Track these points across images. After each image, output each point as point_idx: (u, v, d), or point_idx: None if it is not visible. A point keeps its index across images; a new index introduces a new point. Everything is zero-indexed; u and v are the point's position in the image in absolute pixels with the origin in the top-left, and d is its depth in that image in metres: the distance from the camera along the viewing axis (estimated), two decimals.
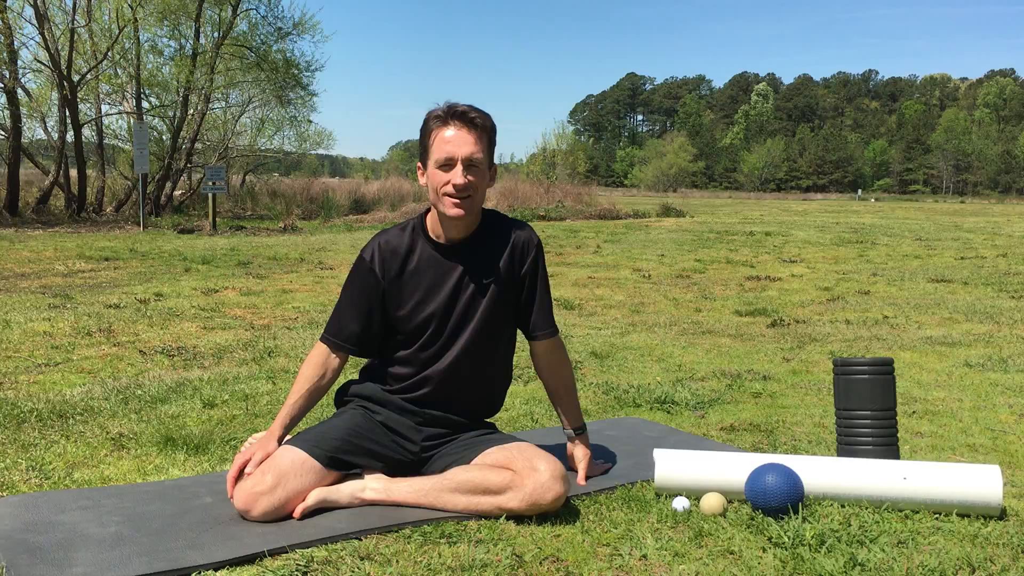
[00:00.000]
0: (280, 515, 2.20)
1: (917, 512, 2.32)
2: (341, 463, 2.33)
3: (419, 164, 2.45)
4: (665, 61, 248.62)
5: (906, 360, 4.56)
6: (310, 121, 24.60)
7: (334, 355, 2.47)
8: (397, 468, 2.41)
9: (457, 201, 2.34)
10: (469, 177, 2.33)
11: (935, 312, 6.34)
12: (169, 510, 2.26)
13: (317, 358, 2.46)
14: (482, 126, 2.36)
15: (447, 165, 2.33)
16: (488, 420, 2.63)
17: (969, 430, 3.25)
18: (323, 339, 2.49)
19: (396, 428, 2.44)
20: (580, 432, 2.62)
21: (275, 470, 2.23)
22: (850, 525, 2.20)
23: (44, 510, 2.25)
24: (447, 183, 2.33)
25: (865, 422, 2.61)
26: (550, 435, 2.99)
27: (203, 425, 3.17)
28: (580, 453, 2.59)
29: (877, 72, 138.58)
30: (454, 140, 2.32)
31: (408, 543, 2.09)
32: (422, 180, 2.45)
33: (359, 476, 2.37)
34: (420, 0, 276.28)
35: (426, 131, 2.38)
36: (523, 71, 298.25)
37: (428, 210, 2.49)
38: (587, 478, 2.55)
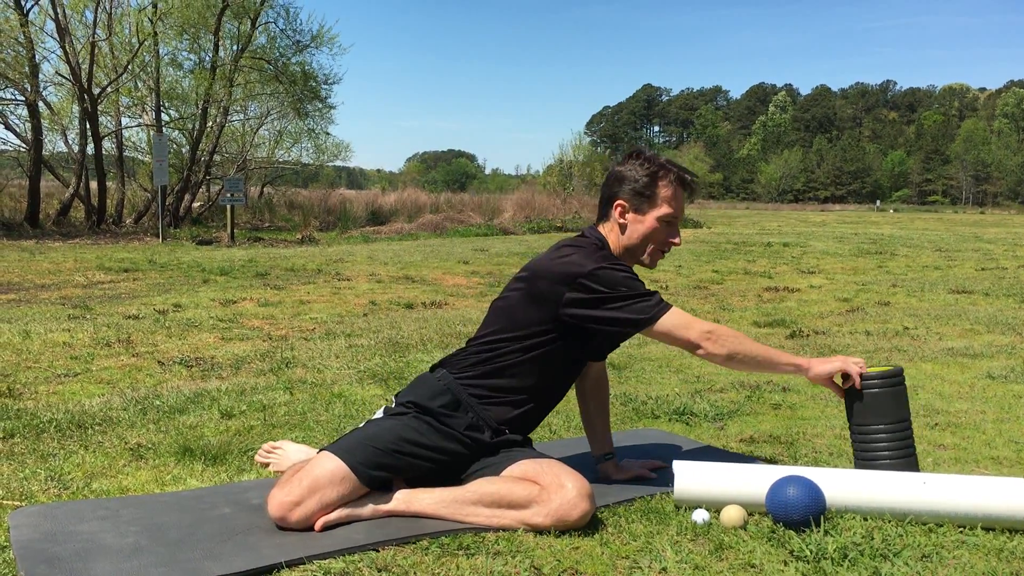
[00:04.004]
0: (311, 524, 2.20)
1: (941, 526, 2.28)
2: (380, 482, 2.30)
3: (624, 202, 2.48)
4: (681, 72, 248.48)
5: (927, 372, 4.51)
6: (328, 133, 24.64)
7: None
8: (426, 478, 2.40)
9: (661, 257, 2.51)
10: None
11: (956, 323, 6.27)
12: (187, 520, 2.26)
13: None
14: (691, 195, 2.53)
15: (671, 223, 2.47)
16: None
17: (993, 442, 3.21)
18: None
19: (445, 436, 2.37)
20: (612, 457, 2.72)
21: (312, 480, 2.20)
22: (873, 538, 2.17)
23: (62, 520, 2.25)
24: (665, 239, 2.48)
25: (880, 436, 2.54)
26: (568, 446, 2.98)
27: (221, 435, 3.17)
28: (618, 468, 2.71)
29: (895, 83, 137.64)
30: (682, 202, 2.48)
31: (426, 555, 2.08)
32: (622, 219, 2.49)
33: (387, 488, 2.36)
34: (437, 12, 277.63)
35: (656, 179, 2.47)
36: (539, 82, 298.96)
37: (602, 237, 2.52)
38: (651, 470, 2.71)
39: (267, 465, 2.74)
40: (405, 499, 2.31)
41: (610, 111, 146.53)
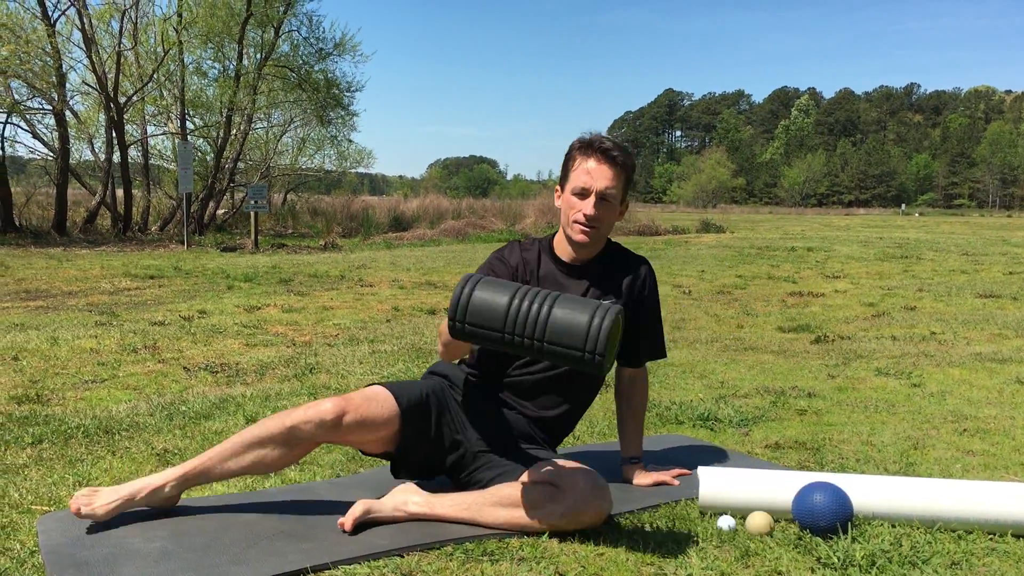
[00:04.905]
0: (359, 433, 2.29)
1: (970, 533, 2.26)
2: (413, 417, 2.36)
3: (558, 187, 2.60)
4: (704, 77, 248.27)
5: (956, 377, 4.46)
6: (350, 140, 24.88)
7: None
8: (434, 464, 2.45)
9: (584, 228, 2.47)
10: (599, 210, 2.46)
11: (984, 328, 6.21)
12: (213, 526, 2.27)
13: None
14: (622, 164, 2.50)
15: (582, 194, 2.47)
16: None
17: (1022, 448, 3.16)
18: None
19: (469, 412, 2.49)
20: (637, 462, 2.73)
21: (363, 394, 2.34)
22: (901, 546, 2.15)
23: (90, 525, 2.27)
24: (578, 211, 2.47)
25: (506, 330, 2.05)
26: (591, 452, 2.97)
27: None
28: (641, 473, 2.71)
29: (919, 85, 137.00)
30: (593, 172, 2.46)
31: (450, 560, 2.08)
32: (558, 202, 2.58)
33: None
34: (459, 19, 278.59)
35: (569, 158, 2.53)
36: (561, 88, 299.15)
37: (555, 233, 2.63)
38: (674, 477, 2.71)
39: (78, 509, 2.28)
40: (427, 502, 2.33)
41: (632, 116, 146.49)
